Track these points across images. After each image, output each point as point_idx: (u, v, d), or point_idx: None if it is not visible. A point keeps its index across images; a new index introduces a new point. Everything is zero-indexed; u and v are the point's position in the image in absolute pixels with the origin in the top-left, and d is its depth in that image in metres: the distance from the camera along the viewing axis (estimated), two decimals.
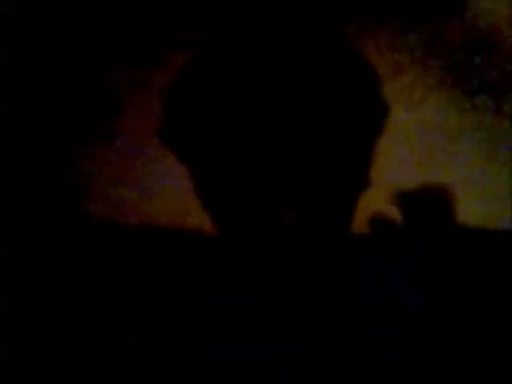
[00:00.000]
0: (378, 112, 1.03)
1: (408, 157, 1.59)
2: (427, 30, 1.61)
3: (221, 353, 1.09)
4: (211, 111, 0.99)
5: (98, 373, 1.12)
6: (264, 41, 1.00)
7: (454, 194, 1.54)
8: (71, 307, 1.16)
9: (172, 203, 1.60)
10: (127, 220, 1.60)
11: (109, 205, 1.60)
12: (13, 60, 1.52)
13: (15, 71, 1.53)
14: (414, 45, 1.62)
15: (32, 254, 1.25)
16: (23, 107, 1.56)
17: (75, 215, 1.57)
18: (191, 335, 1.10)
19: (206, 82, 1.00)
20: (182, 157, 1.04)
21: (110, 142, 1.60)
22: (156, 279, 1.15)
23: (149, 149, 1.54)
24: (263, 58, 0.98)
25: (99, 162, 1.60)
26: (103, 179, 1.60)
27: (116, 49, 1.60)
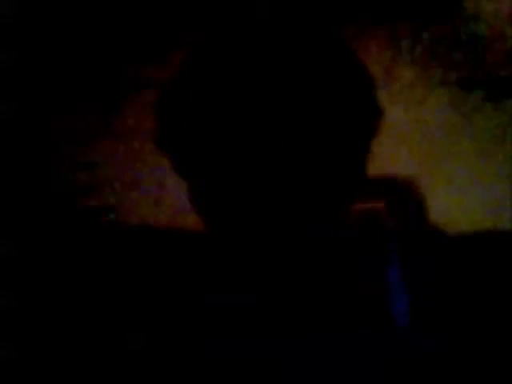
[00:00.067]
0: (373, 114, 1.03)
1: (408, 157, 1.59)
2: (427, 30, 1.62)
3: (221, 353, 1.09)
4: (209, 115, 0.99)
5: (98, 373, 1.12)
6: (264, 41, 1.00)
7: (453, 194, 1.54)
8: (71, 307, 1.16)
9: (172, 203, 1.60)
10: (127, 220, 1.60)
11: (109, 204, 1.60)
12: (13, 60, 1.52)
13: (15, 71, 1.53)
14: (414, 45, 1.62)
15: (32, 254, 1.25)
16: (23, 107, 1.56)
17: (75, 215, 1.57)
18: (191, 335, 1.11)
19: (205, 85, 1.00)
20: (179, 164, 1.04)
21: (110, 142, 1.60)
22: (156, 279, 1.15)
23: (149, 149, 1.54)
24: (262, 60, 0.98)
25: (99, 162, 1.60)
26: (103, 179, 1.60)
27: (116, 49, 1.60)
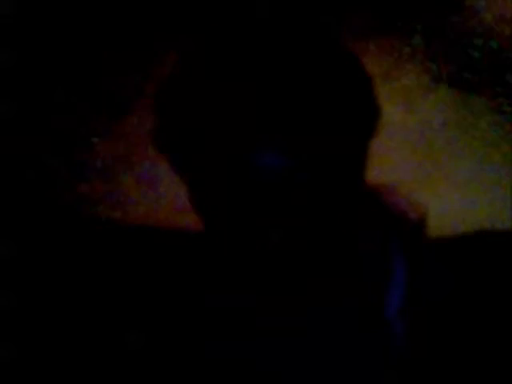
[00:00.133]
0: (372, 114, 1.03)
1: (408, 157, 1.59)
2: (427, 30, 1.62)
3: (221, 353, 1.09)
4: (208, 115, 0.98)
5: (98, 373, 1.12)
6: (263, 41, 1.00)
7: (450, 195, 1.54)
8: (71, 307, 1.16)
9: (171, 203, 1.60)
10: (127, 220, 1.60)
11: (109, 205, 1.60)
12: (13, 60, 1.52)
13: (15, 71, 1.53)
14: (415, 45, 1.62)
15: (32, 254, 1.25)
16: (23, 107, 1.56)
17: (75, 215, 1.57)
18: (191, 335, 1.11)
19: (204, 84, 1.00)
20: (178, 163, 1.03)
21: (110, 142, 1.61)
22: (156, 279, 1.15)
23: (149, 149, 1.54)
24: (262, 59, 0.98)
25: (99, 163, 1.61)
26: (103, 179, 1.60)
27: (116, 49, 1.60)
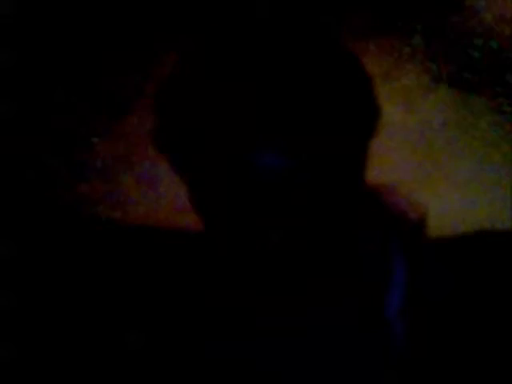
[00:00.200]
0: (372, 114, 1.03)
1: (408, 157, 1.59)
2: (427, 30, 1.62)
3: (221, 353, 1.09)
4: (208, 115, 0.98)
5: (98, 373, 1.12)
6: (263, 41, 1.00)
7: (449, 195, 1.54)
8: (71, 307, 1.16)
9: (171, 203, 1.61)
10: (127, 220, 1.60)
11: (109, 205, 1.60)
12: (13, 60, 1.52)
13: (15, 71, 1.54)
14: (415, 45, 1.62)
15: (32, 254, 1.25)
16: (23, 107, 1.56)
17: (75, 215, 1.58)
18: (191, 335, 1.11)
19: (204, 84, 1.00)
20: (178, 163, 1.03)
21: (110, 142, 1.61)
22: (156, 279, 1.15)
23: (149, 149, 1.54)
24: (262, 59, 0.98)
25: (99, 163, 1.61)
26: (103, 179, 1.61)
27: (116, 49, 1.60)
